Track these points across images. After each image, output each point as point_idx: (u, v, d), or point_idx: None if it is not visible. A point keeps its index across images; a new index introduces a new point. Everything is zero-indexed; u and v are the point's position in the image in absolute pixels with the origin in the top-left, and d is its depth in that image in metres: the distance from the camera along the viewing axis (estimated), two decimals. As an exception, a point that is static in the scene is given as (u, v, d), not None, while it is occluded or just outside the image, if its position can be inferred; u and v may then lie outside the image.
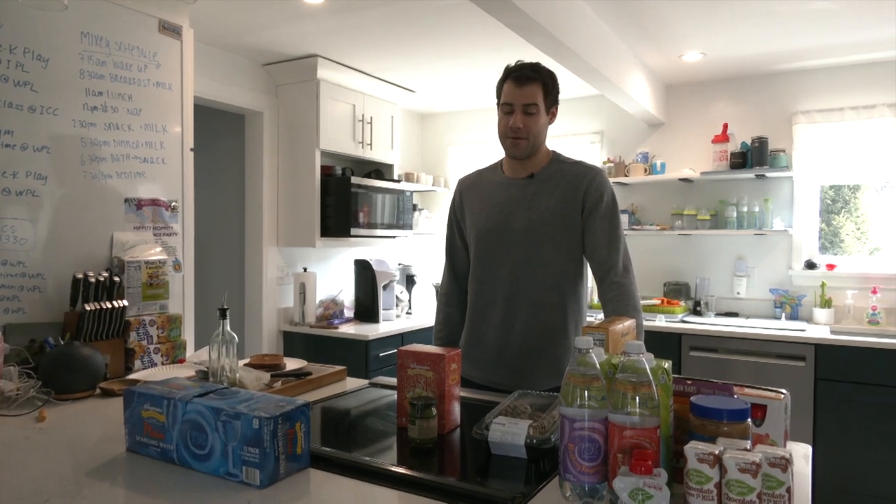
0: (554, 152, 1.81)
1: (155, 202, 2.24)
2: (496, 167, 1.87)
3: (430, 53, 3.36)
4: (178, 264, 2.29)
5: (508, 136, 1.71)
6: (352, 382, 1.81)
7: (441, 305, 1.95)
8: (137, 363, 1.91)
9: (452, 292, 1.93)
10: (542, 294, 1.71)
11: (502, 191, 1.79)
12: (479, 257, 1.80)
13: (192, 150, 2.38)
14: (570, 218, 1.71)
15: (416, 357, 1.34)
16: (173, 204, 2.31)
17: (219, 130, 3.78)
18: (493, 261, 1.76)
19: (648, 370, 0.93)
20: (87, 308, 1.82)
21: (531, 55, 3.12)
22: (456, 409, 1.35)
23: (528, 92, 1.68)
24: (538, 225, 1.71)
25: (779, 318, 3.63)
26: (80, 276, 1.88)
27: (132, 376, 1.79)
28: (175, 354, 2.02)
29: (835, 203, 3.77)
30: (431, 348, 1.38)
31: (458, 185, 1.94)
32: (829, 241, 3.76)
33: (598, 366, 0.97)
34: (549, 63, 3.17)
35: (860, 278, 3.53)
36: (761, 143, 3.58)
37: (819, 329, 3.33)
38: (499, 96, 1.76)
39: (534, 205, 1.73)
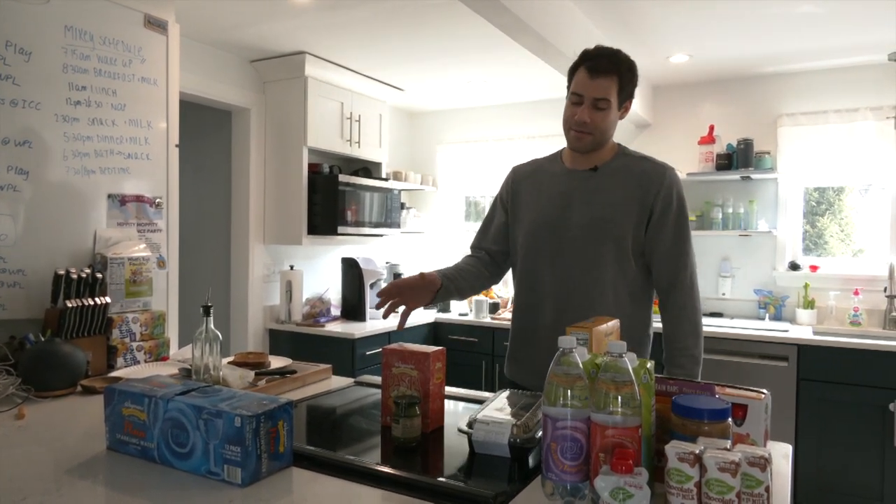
0: (619, 145, 1.67)
1: (139, 198, 2.22)
2: (555, 157, 1.73)
3: (419, 52, 3.36)
4: (162, 261, 2.27)
5: (573, 127, 1.57)
6: (337, 381, 1.81)
7: (471, 264, 1.75)
8: (120, 361, 1.89)
9: (482, 264, 1.76)
10: (600, 296, 1.58)
11: (561, 182, 1.65)
12: (531, 253, 1.66)
13: (177, 146, 2.36)
14: (636, 218, 1.57)
15: (400, 356, 1.34)
16: (158, 200, 2.29)
17: (205, 127, 3.75)
18: (545, 257, 1.63)
19: (631, 370, 0.94)
20: (69, 305, 1.80)
21: (519, 55, 3.14)
22: (440, 407, 1.35)
23: (600, 85, 1.52)
24: (599, 221, 1.58)
25: (762, 318, 3.67)
26: (61, 272, 1.86)
27: (114, 374, 1.77)
28: (158, 352, 2.00)
29: (819, 205, 3.82)
30: (417, 347, 1.37)
31: (513, 173, 1.78)
32: (814, 242, 3.81)
33: (581, 365, 0.97)
34: (536, 63, 3.20)
35: (843, 280, 3.57)
36: (747, 144, 3.62)
37: (802, 330, 3.37)
38: (570, 82, 1.60)
39: (595, 199, 1.60)
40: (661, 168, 1.60)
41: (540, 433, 1.11)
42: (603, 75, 1.51)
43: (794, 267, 3.68)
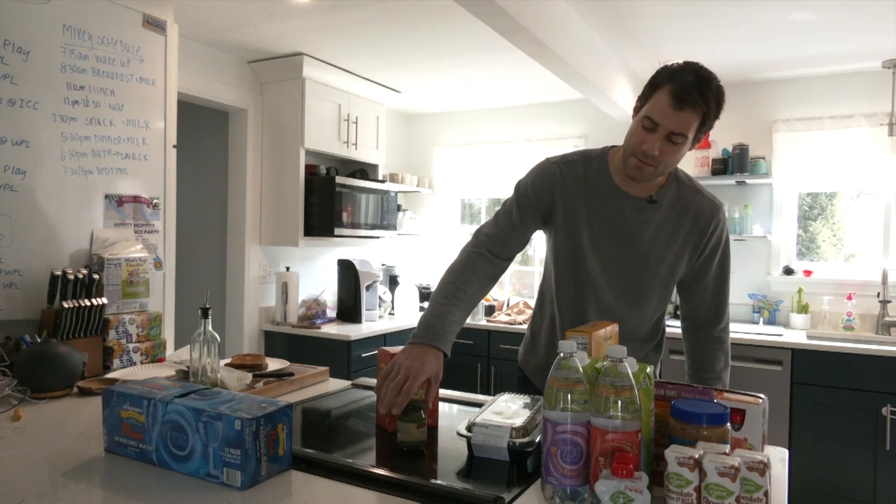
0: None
1: (136, 199, 2.22)
2: (601, 167, 1.49)
3: (417, 54, 3.36)
4: (158, 262, 2.27)
5: (636, 155, 1.36)
6: (335, 383, 1.80)
7: (473, 272, 1.47)
8: (116, 362, 1.89)
9: (493, 269, 1.51)
10: (638, 328, 1.54)
11: (612, 207, 1.47)
12: (576, 283, 1.52)
13: (174, 146, 2.36)
14: (686, 259, 1.50)
15: None
16: (155, 201, 2.28)
17: (202, 127, 3.74)
18: (589, 291, 1.51)
19: (631, 374, 0.94)
20: (65, 305, 1.79)
21: (516, 58, 3.15)
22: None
23: (682, 119, 1.30)
24: (654, 264, 1.48)
25: (757, 322, 3.69)
26: (58, 272, 1.85)
27: (110, 375, 1.77)
28: (155, 353, 2.00)
29: (812, 210, 3.84)
30: None
31: (560, 175, 1.49)
32: (806, 247, 3.83)
33: (581, 370, 0.98)
34: (534, 66, 3.21)
35: (836, 284, 3.60)
36: (742, 150, 3.64)
37: (796, 334, 3.39)
38: (644, 98, 1.38)
39: (653, 238, 1.47)
40: (715, 208, 1.49)
41: (539, 437, 1.12)
42: (689, 108, 1.29)
43: (788, 272, 3.70)
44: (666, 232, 1.47)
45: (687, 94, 1.28)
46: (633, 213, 1.46)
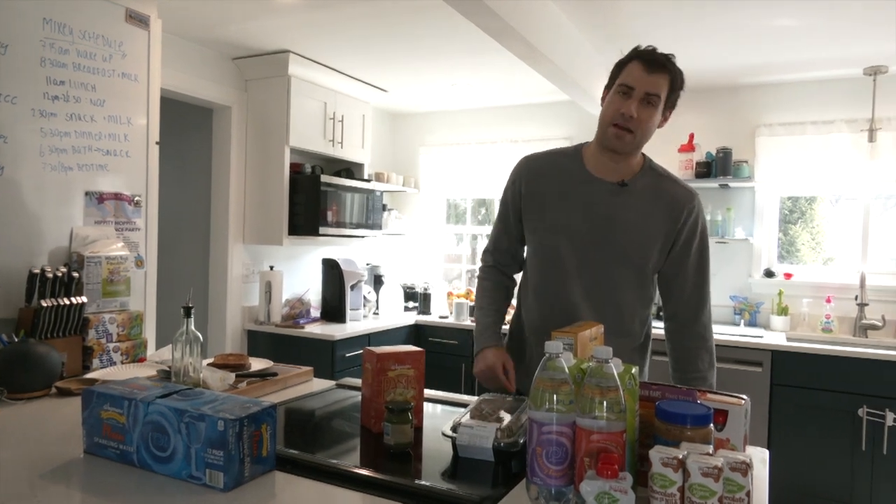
0: (645, 157, 1.58)
1: (117, 196, 2.18)
2: (575, 156, 1.58)
3: (404, 53, 3.35)
4: (140, 260, 2.24)
5: (616, 122, 1.44)
6: (318, 383, 1.79)
7: (491, 291, 1.71)
8: (96, 362, 1.86)
9: (501, 283, 1.72)
10: (621, 323, 1.55)
11: (584, 192, 1.53)
12: (551, 263, 1.56)
13: (157, 143, 2.33)
14: (660, 245, 1.52)
15: (396, 358, 1.34)
16: (136, 198, 2.25)
17: (185, 124, 3.70)
18: (566, 270, 1.54)
19: (616, 375, 0.95)
20: (44, 304, 1.76)
21: (506, 59, 3.16)
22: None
23: (655, 80, 1.43)
24: (627, 245, 1.51)
25: (738, 324, 3.73)
26: (36, 270, 1.82)
27: (90, 375, 1.74)
28: (135, 353, 1.97)
29: (792, 213, 3.90)
30: (402, 348, 1.37)
31: (527, 166, 1.61)
32: (786, 250, 3.88)
33: (566, 370, 0.98)
34: (521, 68, 3.22)
35: (815, 287, 3.65)
36: (725, 153, 3.68)
37: (776, 336, 3.43)
38: (614, 76, 1.49)
39: (625, 220, 1.51)
40: (689, 195, 1.54)
41: (524, 437, 1.12)
42: (659, 71, 1.43)
43: (768, 274, 3.75)
44: (638, 216, 1.51)
45: (656, 60, 1.44)
46: (606, 197, 1.52)
